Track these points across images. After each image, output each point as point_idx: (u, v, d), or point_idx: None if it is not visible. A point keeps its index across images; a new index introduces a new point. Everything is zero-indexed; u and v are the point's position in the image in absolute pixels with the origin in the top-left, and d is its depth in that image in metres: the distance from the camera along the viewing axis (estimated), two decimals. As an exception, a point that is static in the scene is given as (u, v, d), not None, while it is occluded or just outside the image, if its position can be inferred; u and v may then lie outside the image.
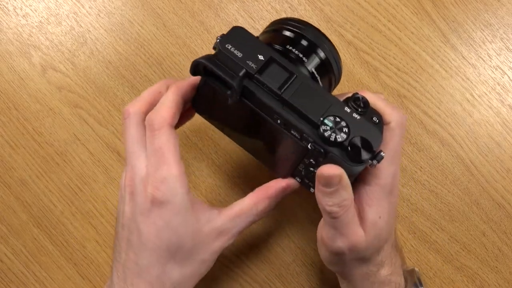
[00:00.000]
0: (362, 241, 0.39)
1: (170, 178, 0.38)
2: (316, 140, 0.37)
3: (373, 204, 0.40)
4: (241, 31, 0.39)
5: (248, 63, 0.38)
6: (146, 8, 0.54)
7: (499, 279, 0.52)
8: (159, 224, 0.38)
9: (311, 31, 0.43)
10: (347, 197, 0.37)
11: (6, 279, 0.51)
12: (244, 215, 0.41)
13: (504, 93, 0.54)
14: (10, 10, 0.54)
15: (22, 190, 0.52)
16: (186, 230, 0.39)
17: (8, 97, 0.53)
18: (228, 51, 0.38)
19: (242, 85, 0.38)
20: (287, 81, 0.38)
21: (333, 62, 0.43)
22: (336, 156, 0.36)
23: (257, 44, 0.39)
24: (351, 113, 0.37)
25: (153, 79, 0.53)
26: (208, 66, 0.37)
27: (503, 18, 0.55)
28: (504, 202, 0.52)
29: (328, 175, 0.36)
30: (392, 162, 0.39)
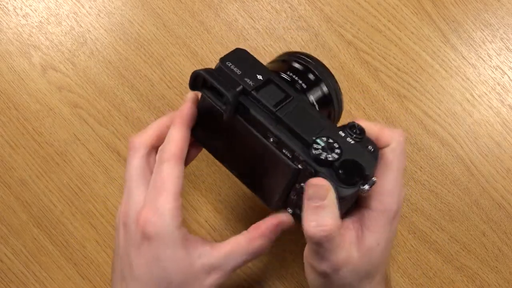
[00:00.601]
0: (350, 265, 0.37)
1: (163, 210, 0.37)
2: (307, 160, 0.36)
3: (375, 230, 0.38)
4: (243, 53, 0.40)
5: (246, 80, 0.38)
6: (146, 8, 0.54)
7: (499, 279, 0.52)
8: (148, 258, 0.38)
9: (319, 66, 0.43)
10: (330, 222, 0.35)
11: (6, 279, 0.51)
12: (237, 253, 0.39)
13: (504, 93, 0.54)
14: (10, 10, 0.54)
15: (22, 190, 0.52)
16: (176, 265, 0.38)
17: (8, 97, 0.53)
18: (228, 67, 0.38)
19: (238, 101, 0.38)
20: (283, 101, 0.38)
21: (335, 99, 0.43)
22: (326, 177, 0.35)
23: (257, 65, 0.39)
24: (345, 137, 0.37)
25: (153, 79, 0.53)
26: (206, 77, 0.37)
27: (503, 18, 0.55)
28: (504, 202, 0.52)
29: (315, 183, 0.35)
30: (396, 186, 0.38)
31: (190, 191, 0.52)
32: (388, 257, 0.41)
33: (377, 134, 0.38)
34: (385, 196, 0.38)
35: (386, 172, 0.38)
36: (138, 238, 0.38)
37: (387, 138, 0.38)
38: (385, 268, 0.41)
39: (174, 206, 0.38)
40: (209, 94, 0.38)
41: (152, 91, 0.53)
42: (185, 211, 0.51)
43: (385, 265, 0.41)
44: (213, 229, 0.51)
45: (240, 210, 0.52)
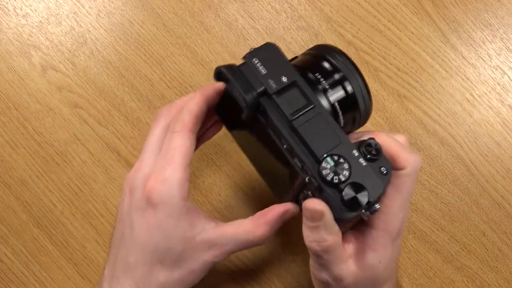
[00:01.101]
0: (349, 277, 0.38)
1: (171, 180, 0.38)
2: (314, 175, 0.36)
3: (377, 249, 0.38)
4: (273, 49, 0.39)
5: (269, 82, 0.37)
6: (146, 8, 0.54)
7: (499, 279, 0.52)
8: (151, 223, 0.38)
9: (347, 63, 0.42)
10: (328, 238, 0.36)
11: (6, 279, 0.51)
12: (239, 237, 0.40)
13: (504, 93, 0.54)
14: (10, 10, 0.54)
15: (22, 190, 0.52)
16: (177, 234, 0.39)
17: (8, 97, 0.53)
18: (254, 65, 0.38)
19: (258, 102, 0.37)
20: (303, 109, 0.37)
21: (360, 100, 0.41)
22: (329, 196, 0.35)
23: (284, 65, 0.38)
24: (358, 158, 0.36)
25: (153, 79, 0.53)
26: (227, 76, 0.38)
27: (503, 18, 0.55)
28: (504, 202, 0.52)
29: (310, 208, 0.36)
30: (402, 208, 0.38)
31: (190, 191, 0.52)
32: (394, 270, 0.41)
33: (395, 155, 0.37)
34: (390, 217, 0.38)
35: (395, 194, 0.38)
36: (143, 203, 0.38)
37: (403, 162, 0.37)
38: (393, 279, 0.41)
39: (182, 177, 0.38)
40: (231, 90, 0.38)
41: (152, 91, 0.53)
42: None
43: (391, 277, 0.40)
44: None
45: (240, 210, 0.52)
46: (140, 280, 0.39)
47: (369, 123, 0.53)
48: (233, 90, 0.38)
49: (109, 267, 0.41)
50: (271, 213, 0.40)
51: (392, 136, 0.39)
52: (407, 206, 0.39)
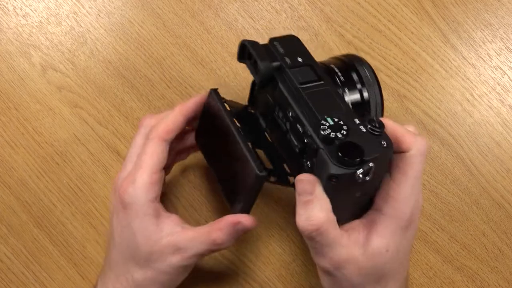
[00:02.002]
0: (352, 265, 0.37)
1: (139, 183, 0.41)
2: (313, 135, 0.36)
3: (384, 235, 0.37)
4: (295, 40, 0.42)
5: (285, 59, 0.40)
6: (146, 8, 0.54)
7: (499, 279, 0.52)
8: (123, 223, 0.41)
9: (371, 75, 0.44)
10: (320, 215, 0.35)
11: (6, 279, 0.51)
12: (198, 241, 0.41)
13: (504, 93, 0.54)
14: (10, 10, 0.54)
15: (22, 190, 0.52)
16: (144, 235, 0.41)
17: (8, 97, 0.53)
18: (274, 46, 0.41)
19: (270, 74, 0.39)
20: (312, 82, 0.39)
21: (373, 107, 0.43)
22: (325, 153, 0.35)
23: (303, 51, 0.41)
24: (358, 125, 0.36)
25: (153, 79, 0.53)
26: (247, 46, 0.40)
27: (503, 18, 0.55)
28: (504, 202, 0.52)
29: (303, 178, 0.36)
30: (411, 192, 0.37)
31: (190, 191, 0.52)
32: (404, 267, 0.40)
33: (399, 137, 0.37)
34: (399, 202, 0.37)
35: (402, 178, 0.37)
36: (118, 205, 0.42)
37: (407, 143, 0.37)
38: (402, 276, 0.40)
39: (149, 181, 0.41)
40: (250, 66, 0.41)
41: (152, 91, 0.53)
42: (185, 211, 0.51)
43: (398, 274, 0.39)
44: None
45: (240, 210, 0.52)
46: (120, 276, 0.42)
47: (369, 123, 0.53)
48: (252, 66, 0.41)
49: (103, 264, 0.45)
50: (223, 221, 0.42)
51: None
52: (418, 192, 0.38)
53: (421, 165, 0.38)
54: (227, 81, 0.54)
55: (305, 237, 0.37)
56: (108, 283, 0.43)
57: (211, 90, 0.43)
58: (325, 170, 0.35)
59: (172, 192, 0.52)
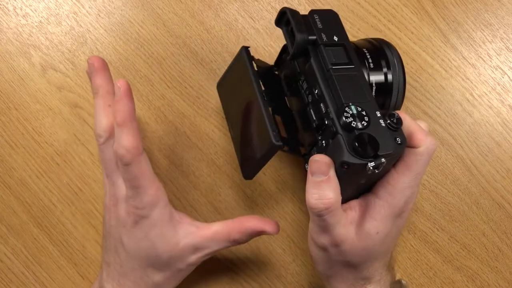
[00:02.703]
0: (347, 242, 0.39)
1: (149, 198, 0.41)
2: (334, 118, 0.37)
3: (377, 218, 0.40)
4: (334, 15, 0.43)
5: (321, 35, 0.41)
6: (146, 8, 0.54)
7: (499, 279, 0.52)
8: (139, 236, 0.42)
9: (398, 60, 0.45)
10: (332, 195, 0.37)
11: (6, 279, 0.51)
12: (217, 239, 0.43)
13: (504, 93, 0.54)
14: (10, 10, 0.54)
15: (22, 190, 0.52)
16: (163, 242, 0.42)
17: (8, 97, 0.53)
18: (313, 19, 0.42)
19: (305, 47, 0.40)
20: (343, 65, 0.40)
21: (395, 91, 0.45)
22: (342, 140, 0.36)
23: (339, 29, 0.42)
24: (379, 119, 0.38)
25: (153, 79, 0.53)
26: (288, 15, 0.41)
27: (503, 18, 0.55)
28: (504, 202, 0.52)
29: (318, 159, 0.37)
30: (410, 185, 0.39)
31: (190, 191, 0.52)
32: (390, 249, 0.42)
33: (412, 133, 0.39)
34: (396, 190, 0.39)
35: (405, 171, 0.39)
36: (129, 220, 0.41)
37: (418, 140, 0.39)
38: (386, 258, 0.43)
39: (156, 190, 0.41)
40: (286, 33, 0.42)
41: (152, 91, 0.53)
42: (185, 211, 0.51)
43: (385, 255, 0.42)
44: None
45: (240, 210, 0.52)
46: (138, 280, 0.43)
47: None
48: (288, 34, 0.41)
49: (107, 272, 0.44)
50: (249, 225, 0.43)
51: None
52: (415, 187, 0.40)
53: (426, 163, 0.40)
54: (227, 81, 0.54)
55: (314, 214, 0.38)
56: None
57: (242, 47, 0.44)
58: (340, 155, 0.37)
59: (172, 192, 0.52)
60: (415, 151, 0.39)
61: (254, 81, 0.43)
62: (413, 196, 0.40)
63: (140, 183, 0.40)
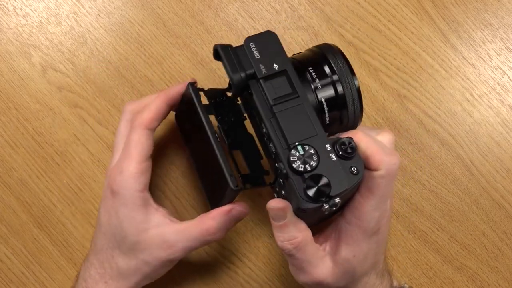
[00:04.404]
0: (327, 277, 0.39)
1: (127, 173, 0.41)
2: (283, 162, 0.36)
3: (350, 243, 0.39)
4: (272, 37, 0.40)
5: (260, 66, 0.39)
6: (146, 8, 0.54)
7: (499, 279, 0.52)
8: (110, 211, 0.42)
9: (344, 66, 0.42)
10: (298, 235, 0.37)
11: (6, 279, 0.51)
12: (188, 232, 0.42)
13: (504, 93, 0.54)
14: (10, 10, 0.54)
15: (22, 190, 0.52)
16: (131, 224, 0.41)
17: (8, 97, 0.53)
18: (249, 49, 0.39)
19: (245, 83, 0.39)
20: (286, 97, 0.38)
21: (350, 102, 0.41)
22: (293, 184, 0.36)
23: (279, 54, 0.39)
24: (329, 152, 0.36)
25: (153, 79, 0.53)
26: (220, 54, 0.39)
27: (503, 18, 0.55)
28: (504, 202, 0.52)
29: (272, 206, 0.37)
30: (377, 207, 0.38)
31: (190, 191, 0.52)
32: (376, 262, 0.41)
33: (369, 155, 0.37)
34: (363, 214, 0.38)
35: (368, 195, 0.37)
36: (107, 193, 0.42)
37: (377, 162, 0.37)
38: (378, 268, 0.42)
39: (137, 170, 0.41)
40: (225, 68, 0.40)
41: (152, 91, 0.53)
42: (185, 211, 0.51)
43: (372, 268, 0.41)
44: (213, 229, 0.51)
45: (240, 210, 0.52)
46: (105, 262, 0.43)
47: (368, 123, 0.53)
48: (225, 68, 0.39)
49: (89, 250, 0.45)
50: (215, 210, 0.42)
51: (373, 135, 0.39)
52: (384, 207, 0.38)
53: (389, 186, 0.38)
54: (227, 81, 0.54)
55: (286, 255, 0.39)
56: (91, 268, 0.43)
57: (188, 84, 0.43)
58: (294, 200, 0.36)
59: (172, 192, 0.52)
60: (375, 174, 0.37)
61: (205, 123, 0.41)
62: (385, 214, 0.39)
63: (131, 150, 0.41)
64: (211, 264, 0.50)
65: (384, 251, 0.42)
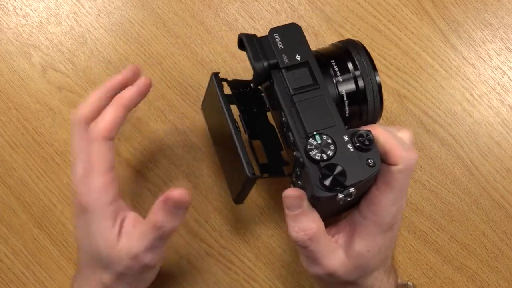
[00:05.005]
0: (340, 268, 0.39)
1: (93, 188, 0.40)
2: (300, 150, 0.37)
3: (365, 238, 0.39)
4: (296, 29, 0.40)
5: (283, 56, 0.39)
6: (146, 8, 0.54)
7: (499, 279, 0.52)
8: (82, 228, 0.41)
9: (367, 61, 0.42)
10: (312, 225, 0.37)
11: (6, 279, 0.51)
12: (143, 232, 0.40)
13: (504, 93, 0.54)
14: (10, 10, 0.54)
15: (22, 190, 0.52)
16: (103, 240, 0.40)
17: (8, 97, 0.53)
18: (273, 39, 0.39)
19: (268, 72, 0.39)
20: (307, 88, 0.38)
21: (370, 97, 0.42)
22: (309, 172, 0.36)
23: (302, 46, 0.40)
24: (347, 143, 0.36)
25: (153, 79, 0.53)
26: (244, 42, 0.39)
27: (503, 18, 0.55)
28: (504, 202, 0.52)
29: (289, 195, 0.37)
30: (394, 202, 0.38)
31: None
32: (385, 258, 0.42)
33: (388, 150, 0.37)
34: (380, 209, 0.38)
35: (386, 189, 0.38)
36: (77, 209, 0.41)
37: (396, 158, 0.37)
38: (386, 264, 0.42)
39: (103, 183, 0.40)
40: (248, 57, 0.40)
41: (152, 91, 0.53)
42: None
43: (383, 264, 0.41)
44: (213, 229, 0.51)
45: (240, 210, 0.52)
46: (90, 277, 0.41)
47: (369, 123, 0.53)
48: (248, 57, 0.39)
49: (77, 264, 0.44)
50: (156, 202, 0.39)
51: (393, 131, 0.39)
52: (401, 202, 0.39)
53: (407, 179, 0.38)
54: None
55: (299, 246, 0.38)
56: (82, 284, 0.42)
57: (212, 74, 0.43)
58: (309, 188, 0.36)
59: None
60: (393, 169, 0.37)
61: (225, 111, 0.41)
62: (401, 209, 0.39)
63: (94, 165, 0.40)
64: (211, 264, 0.50)
65: (394, 248, 0.43)
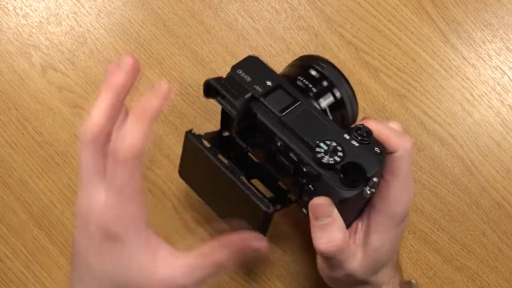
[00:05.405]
0: (358, 269, 0.39)
1: (128, 216, 0.35)
2: (310, 163, 0.37)
3: (380, 231, 0.40)
4: (254, 60, 0.41)
5: (255, 87, 0.39)
6: (146, 8, 0.54)
7: (499, 279, 0.52)
8: (110, 259, 0.35)
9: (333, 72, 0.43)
10: (340, 236, 0.37)
11: (6, 279, 0.51)
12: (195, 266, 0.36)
13: (504, 93, 0.54)
14: (10, 10, 0.54)
15: (22, 190, 0.52)
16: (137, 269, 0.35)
17: (8, 97, 0.53)
18: (238, 75, 0.40)
19: (247, 108, 0.39)
20: (290, 106, 0.39)
21: (348, 104, 0.43)
22: (328, 179, 0.36)
23: (267, 72, 0.40)
24: (350, 140, 0.37)
25: (153, 79, 0.53)
26: (215, 86, 0.39)
27: (503, 18, 0.55)
28: (504, 202, 0.52)
29: (318, 203, 0.37)
30: (403, 188, 0.39)
31: (190, 192, 0.52)
32: (395, 253, 0.42)
33: (385, 139, 0.38)
34: (392, 200, 0.39)
35: (392, 178, 0.38)
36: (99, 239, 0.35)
37: (394, 145, 0.38)
38: (394, 260, 0.43)
39: (137, 209, 0.35)
40: (222, 102, 0.40)
41: (152, 91, 0.53)
42: (185, 211, 0.51)
43: (392, 259, 0.42)
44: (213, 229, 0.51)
45: (240, 210, 0.52)
46: None
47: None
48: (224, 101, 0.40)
49: None
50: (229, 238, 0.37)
51: (384, 121, 0.40)
52: (409, 187, 0.40)
53: (409, 163, 0.39)
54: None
55: (325, 257, 0.38)
56: None
57: (186, 133, 0.42)
58: (334, 194, 0.37)
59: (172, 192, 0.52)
60: (395, 156, 0.38)
61: (215, 160, 0.40)
62: (410, 197, 0.40)
63: (126, 193, 0.34)
64: (211, 264, 0.50)
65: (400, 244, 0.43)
